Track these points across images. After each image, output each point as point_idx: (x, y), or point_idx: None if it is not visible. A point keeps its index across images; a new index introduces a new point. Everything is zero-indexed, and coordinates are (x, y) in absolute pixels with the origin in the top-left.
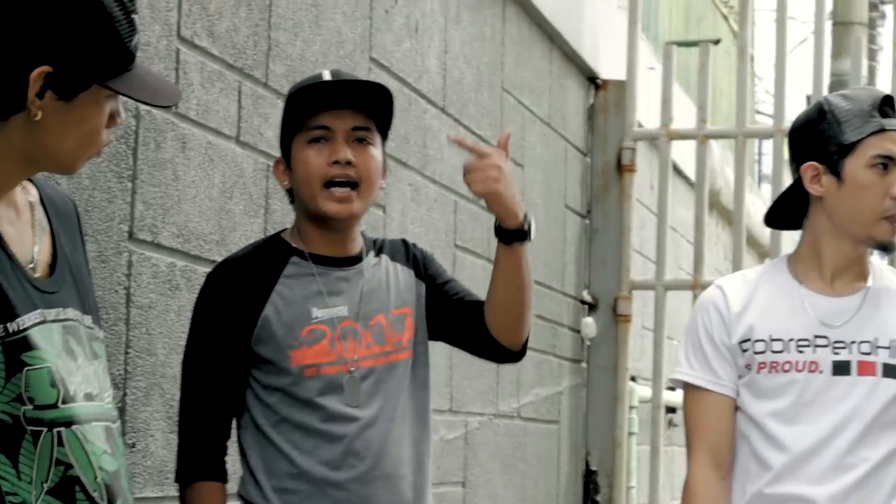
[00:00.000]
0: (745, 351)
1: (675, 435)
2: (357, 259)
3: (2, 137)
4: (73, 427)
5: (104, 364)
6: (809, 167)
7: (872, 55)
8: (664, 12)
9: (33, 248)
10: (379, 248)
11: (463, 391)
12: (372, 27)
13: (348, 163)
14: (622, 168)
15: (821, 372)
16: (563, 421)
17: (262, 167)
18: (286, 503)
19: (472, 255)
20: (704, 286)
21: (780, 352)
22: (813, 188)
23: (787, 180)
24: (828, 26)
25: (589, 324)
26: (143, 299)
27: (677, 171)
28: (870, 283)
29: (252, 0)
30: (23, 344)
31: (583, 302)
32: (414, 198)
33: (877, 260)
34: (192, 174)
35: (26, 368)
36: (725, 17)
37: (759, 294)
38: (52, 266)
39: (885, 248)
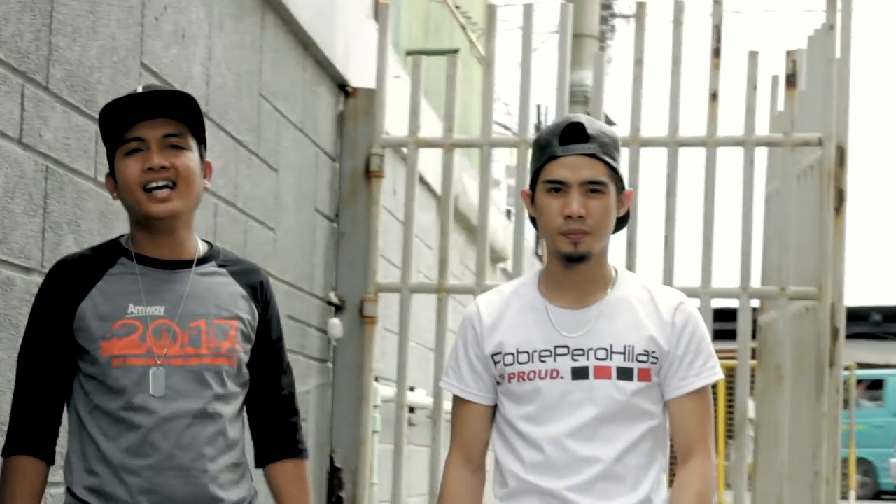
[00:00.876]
0: (496, 363)
1: (416, 434)
2: (187, 264)
3: None
4: None
5: None
6: (524, 193)
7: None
8: (404, 21)
9: None
10: (225, 262)
11: None
12: (143, 33)
13: (162, 167)
14: (370, 174)
15: (562, 378)
16: (310, 419)
17: (41, 168)
18: (89, 485)
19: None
20: (448, 290)
21: (526, 363)
22: (529, 210)
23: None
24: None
25: (336, 325)
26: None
27: (420, 178)
28: (609, 293)
29: (35, 5)
30: None
31: (330, 303)
32: None
33: (624, 271)
34: None
35: None
36: (463, 27)
37: (510, 309)
38: None
39: (570, 260)
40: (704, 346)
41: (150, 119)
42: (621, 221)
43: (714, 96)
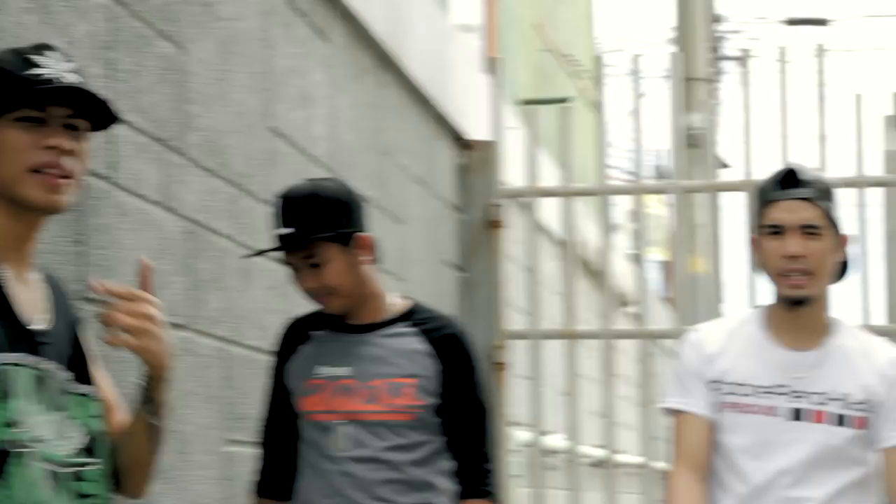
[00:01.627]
0: (715, 390)
1: (554, 478)
2: (378, 325)
3: None
4: (38, 461)
5: (70, 416)
6: (753, 239)
7: (713, 109)
8: (516, 71)
9: (38, 312)
10: (419, 320)
11: None
12: (269, 98)
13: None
14: (492, 224)
15: (777, 416)
16: None
17: (184, 230)
18: None
19: None
20: (577, 335)
21: (746, 395)
22: (756, 257)
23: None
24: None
25: None
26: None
27: (541, 226)
28: (828, 340)
29: (170, 76)
30: (5, 375)
31: None
32: None
33: (839, 319)
34: (128, 238)
35: (16, 393)
36: (574, 76)
37: (735, 341)
38: (49, 326)
39: (792, 303)
40: None
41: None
42: (842, 269)
43: (823, 138)
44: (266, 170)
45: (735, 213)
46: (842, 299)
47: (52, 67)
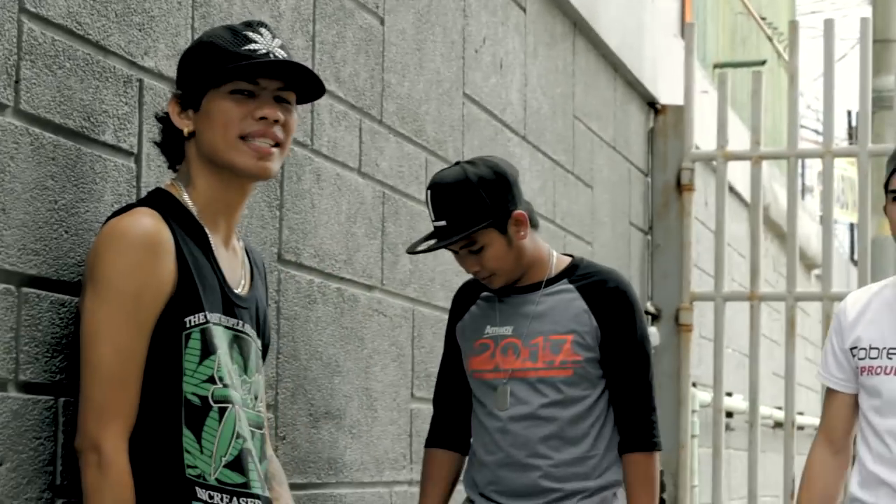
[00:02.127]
0: (854, 356)
1: (733, 439)
2: (538, 286)
3: (192, 164)
4: (239, 408)
5: (263, 380)
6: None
7: None
8: (711, 34)
9: (239, 278)
10: (579, 276)
11: None
12: (464, 66)
13: None
14: (681, 187)
15: None
16: None
17: (378, 195)
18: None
19: None
20: (760, 297)
21: (876, 358)
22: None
23: (836, 198)
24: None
25: (653, 333)
26: (290, 311)
27: (730, 188)
28: None
29: (369, 47)
30: (210, 332)
31: (647, 313)
32: None
33: None
34: (324, 203)
35: (219, 352)
36: (770, 38)
37: (871, 305)
38: (246, 293)
39: None
40: None
41: None
42: None
43: None
44: (459, 136)
45: None
46: None
47: (264, 42)
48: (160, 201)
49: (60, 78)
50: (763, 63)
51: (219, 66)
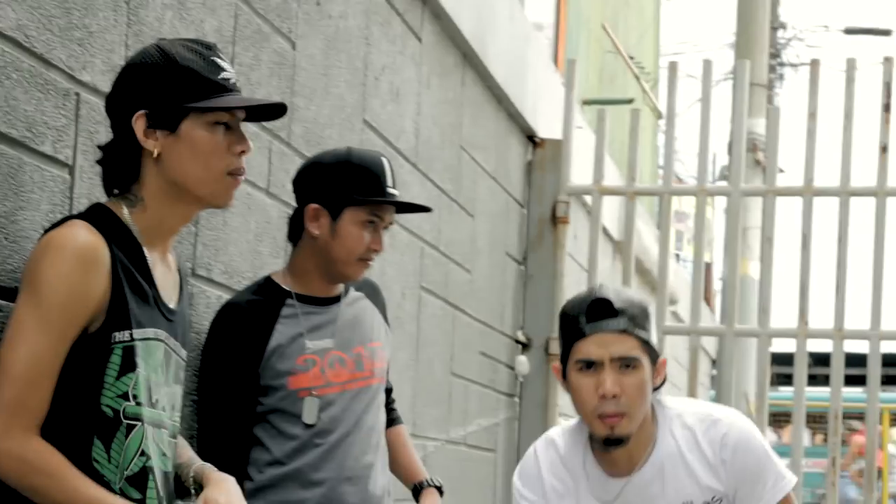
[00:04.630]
0: None
1: None
2: (337, 298)
3: (147, 185)
4: (153, 427)
5: (182, 390)
6: (554, 368)
7: (773, 115)
8: (581, 71)
9: (171, 292)
10: (357, 286)
11: (423, 417)
12: (365, 93)
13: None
14: (556, 220)
15: None
16: (499, 450)
17: (284, 215)
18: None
19: (433, 296)
20: None
21: None
22: (563, 386)
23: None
24: (727, 86)
25: (522, 362)
26: (200, 325)
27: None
28: (654, 454)
29: (281, 71)
30: (133, 351)
31: (517, 341)
32: (391, 243)
33: (663, 412)
34: (235, 220)
35: (138, 370)
36: (637, 77)
37: (565, 482)
38: (176, 305)
39: (607, 443)
40: (765, 466)
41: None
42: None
43: (884, 149)
44: None
45: (788, 218)
46: (890, 306)
47: (229, 70)
48: (100, 217)
49: (7, 88)
50: (630, 101)
51: (201, 93)
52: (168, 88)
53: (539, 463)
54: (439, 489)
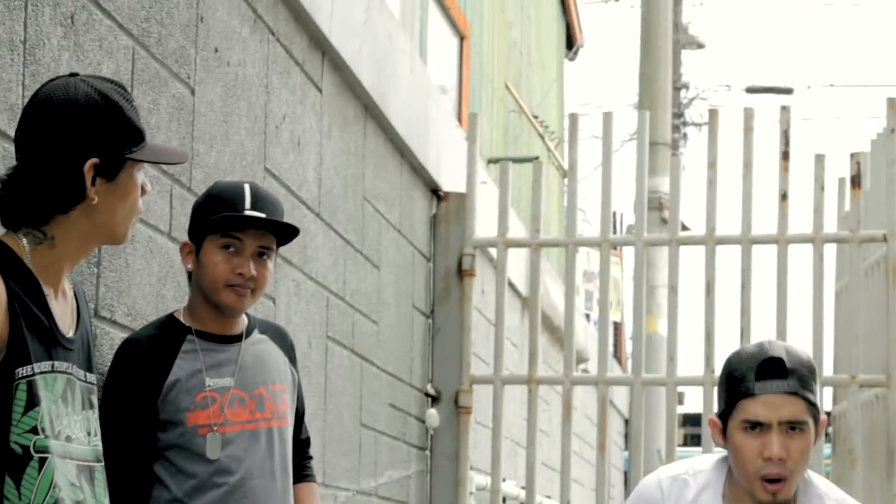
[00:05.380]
0: None
1: None
2: (239, 337)
3: (66, 226)
4: (59, 459)
5: (95, 414)
6: (711, 421)
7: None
8: (486, 130)
9: (69, 321)
10: (263, 329)
11: (333, 467)
12: (266, 141)
13: (251, 277)
14: (462, 273)
15: None
16: (411, 502)
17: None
18: None
19: (339, 345)
20: (538, 381)
21: None
22: (718, 441)
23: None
24: (632, 146)
25: (433, 415)
26: (103, 367)
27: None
28: None
29: (181, 116)
30: (35, 384)
31: (427, 394)
32: (296, 292)
33: (808, 483)
34: (138, 263)
35: (42, 404)
36: (542, 136)
37: None
38: (76, 333)
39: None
40: None
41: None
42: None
43: (784, 196)
44: None
45: (694, 272)
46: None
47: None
48: None
49: None
50: (536, 159)
51: (137, 141)
52: (116, 138)
53: (664, 495)
54: None
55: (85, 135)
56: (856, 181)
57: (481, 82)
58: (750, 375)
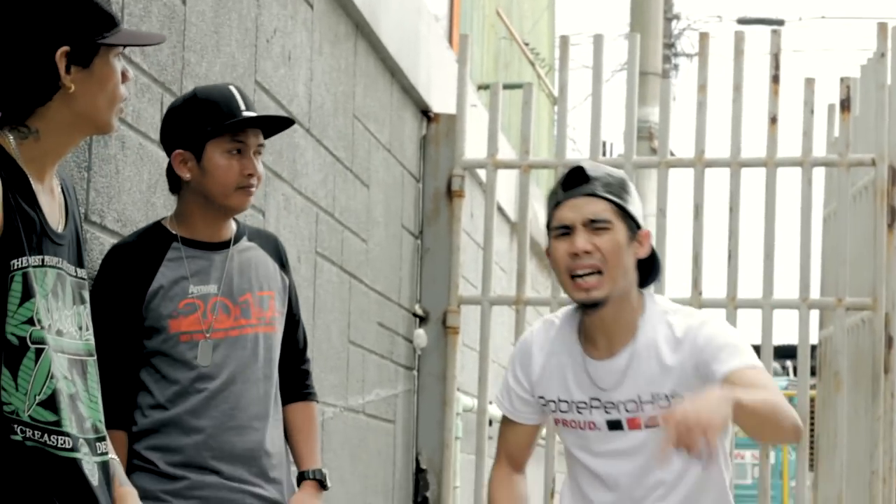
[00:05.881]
0: (543, 405)
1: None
2: (226, 243)
3: (47, 117)
4: (53, 353)
5: (87, 309)
6: (546, 250)
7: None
8: (476, 57)
9: (57, 216)
10: (252, 236)
11: (320, 383)
12: (257, 54)
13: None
14: (452, 194)
15: (599, 429)
16: (398, 421)
17: None
18: (153, 444)
19: (328, 262)
20: (526, 302)
21: (566, 412)
22: (551, 264)
23: None
24: (623, 77)
25: (420, 335)
26: (91, 272)
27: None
28: (635, 338)
29: (172, 25)
30: (30, 276)
31: (415, 315)
32: (286, 206)
33: (651, 304)
34: (128, 170)
35: (37, 295)
36: (532, 63)
37: (552, 358)
38: (65, 228)
39: (585, 307)
40: (725, 341)
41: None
42: (650, 269)
43: (774, 120)
44: None
45: (681, 197)
46: (781, 275)
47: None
48: None
49: None
50: (526, 87)
51: (109, 26)
52: (86, 25)
53: (533, 340)
54: (321, 482)
55: (53, 23)
56: (845, 106)
57: (472, 7)
58: (558, 188)
